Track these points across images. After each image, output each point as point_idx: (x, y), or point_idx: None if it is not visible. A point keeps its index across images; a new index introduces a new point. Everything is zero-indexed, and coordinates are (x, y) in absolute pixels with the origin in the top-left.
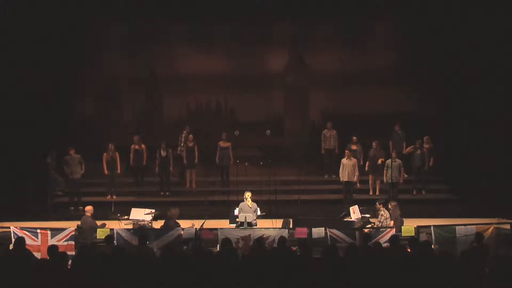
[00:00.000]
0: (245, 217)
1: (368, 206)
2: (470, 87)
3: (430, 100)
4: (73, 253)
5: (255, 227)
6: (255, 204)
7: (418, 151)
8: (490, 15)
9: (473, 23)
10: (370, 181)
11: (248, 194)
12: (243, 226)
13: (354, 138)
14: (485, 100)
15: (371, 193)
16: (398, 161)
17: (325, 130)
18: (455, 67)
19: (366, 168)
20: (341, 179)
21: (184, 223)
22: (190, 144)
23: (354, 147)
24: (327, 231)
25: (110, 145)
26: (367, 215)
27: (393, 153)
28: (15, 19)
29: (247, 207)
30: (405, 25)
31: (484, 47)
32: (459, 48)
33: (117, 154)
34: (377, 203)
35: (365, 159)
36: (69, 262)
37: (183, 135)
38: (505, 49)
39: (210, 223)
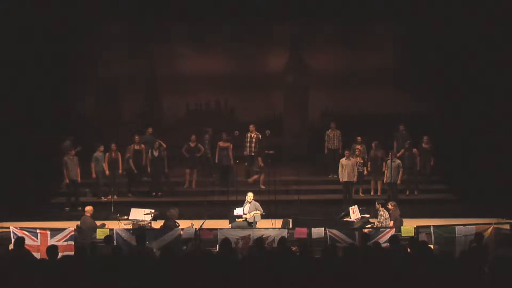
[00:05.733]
0: (254, 217)
1: (368, 207)
2: (470, 87)
3: (430, 100)
4: (73, 253)
5: (253, 227)
6: (256, 203)
7: (407, 153)
8: (490, 14)
9: (473, 22)
10: (371, 182)
11: (249, 195)
12: (251, 226)
13: (359, 138)
14: (485, 100)
15: (372, 193)
16: (397, 161)
17: (329, 130)
18: (455, 67)
19: (368, 169)
20: (341, 179)
21: (184, 223)
22: (192, 144)
23: (358, 147)
24: (327, 231)
25: (113, 145)
26: (367, 215)
27: (390, 154)
28: (15, 19)
29: (246, 207)
30: (404, 25)
31: (484, 46)
32: (459, 48)
33: (119, 154)
34: (376, 203)
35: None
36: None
37: (207, 137)
38: (505, 48)
39: (210, 223)
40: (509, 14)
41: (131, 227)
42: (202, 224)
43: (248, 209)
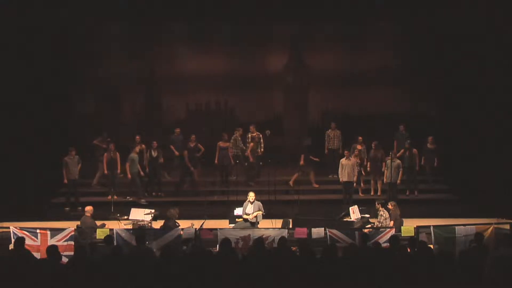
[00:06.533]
0: (256, 217)
1: (368, 207)
2: (470, 87)
3: (430, 100)
4: (73, 253)
5: (255, 227)
6: (259, 202)
7: (407, 153)
8: (491, 14)
9: (474, 22)
10: (371, 182)
11: (251, 195)
12: (254, 226)
13: (360, 138)
14: (485, 100)
15: (372, 193)
16: (398, 161)
17: (329, 130)
18: (455, 67)
19: (368, 169)
20: (341, 179)
21: (184, 223)
22: (192, 145)
23: (359, 147)
24: (327, 231)
25: (111, 145)
26: (367, 215)
27: (391, 153)
28: (15, 19)
29: (249, 207)
30: (405, 25)
31: (484, 47)
32: (459, 48)
33: (117, 154)
34: (376, 203)
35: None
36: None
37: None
38: (505, 48)
39: (210, 223)
40: (509, 13)
41: (131, 227)
42: (202, 224)
43: (252, 209)
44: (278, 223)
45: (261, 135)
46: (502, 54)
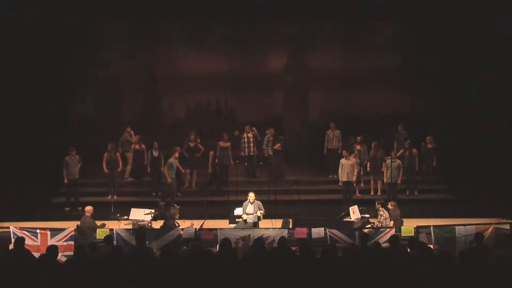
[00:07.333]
0: (258, 217)
1: (368, 207)
2: (470, 87)
3: (430, 100)
4: (72, 253)
5: (257, 227)
6: (258, 202)
7: (407, 152)
8: (491, 15)
9: (474, 23)
10: (371, 182)
11: (251, 195)
12: (256, 226)
13: (359, 138)
14: (485, 100)
15: (372, 193)
16: (398, 161)
17: (329, 130)
18: (455, 67)
19: (368, 169)
20: (340, 179)
21: (184, 223)
22: (192, 144)
23: (358, 147)
24: (327, 231)
25: (110, 145)
26: (367, 215)
27: (392, 154)
28: (15, 19)
29: (250, 207)
30: (405, 25)
31: (484, 47)
32: (459, 48)
33: (117, 154)
34: (376, 203)
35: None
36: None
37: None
38: (505, 49)
39: (210, 223)
40: (508, 13)
41: (131, 227)
42: (202, 224)
43: (252, 209)
44: (278, 223)
45: (255, 133)
46: (502, 54)
